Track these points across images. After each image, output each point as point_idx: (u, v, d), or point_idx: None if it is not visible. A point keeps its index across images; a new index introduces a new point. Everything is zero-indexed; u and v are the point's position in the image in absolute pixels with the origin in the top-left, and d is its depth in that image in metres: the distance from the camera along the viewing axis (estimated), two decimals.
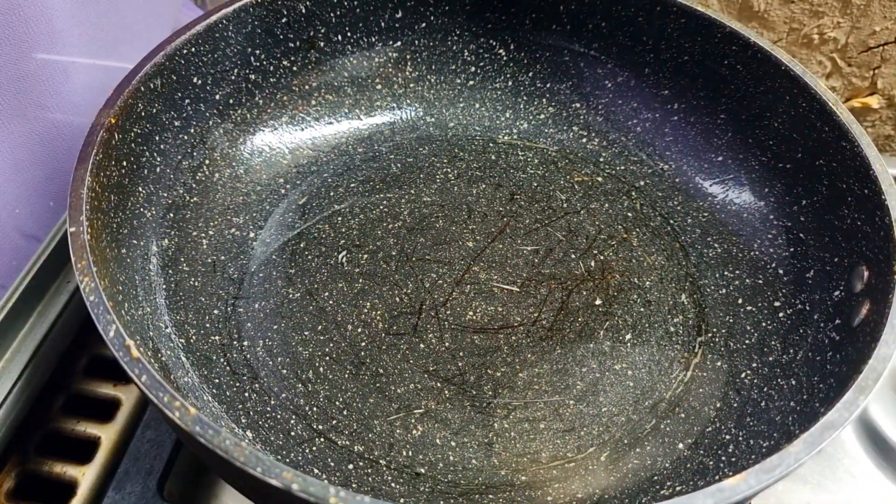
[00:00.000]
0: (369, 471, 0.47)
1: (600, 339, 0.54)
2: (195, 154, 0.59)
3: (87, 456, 0.53)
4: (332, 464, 0.47)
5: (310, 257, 0.59)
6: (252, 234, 0.60)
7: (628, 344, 0.54)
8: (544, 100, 0.70)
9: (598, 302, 0.56)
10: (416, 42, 0.68)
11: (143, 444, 0.54)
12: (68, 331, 0.58)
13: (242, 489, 0.42)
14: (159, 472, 0.52)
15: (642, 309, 0.56)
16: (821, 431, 0.36)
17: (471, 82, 0.70)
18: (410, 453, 0.48)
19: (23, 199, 0.57)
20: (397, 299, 0.56)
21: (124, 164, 0.51)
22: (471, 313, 0.55)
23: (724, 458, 0.46)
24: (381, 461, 0.47)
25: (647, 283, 0.58)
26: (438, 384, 0.51)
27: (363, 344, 0.53)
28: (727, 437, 0.48)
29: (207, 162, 0.60)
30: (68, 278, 0.60)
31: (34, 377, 0.55)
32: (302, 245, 0.59)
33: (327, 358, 0.52)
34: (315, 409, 0.50)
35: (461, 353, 0.53)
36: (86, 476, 0.52)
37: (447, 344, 0.53)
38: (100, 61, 0.64)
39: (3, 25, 0.51)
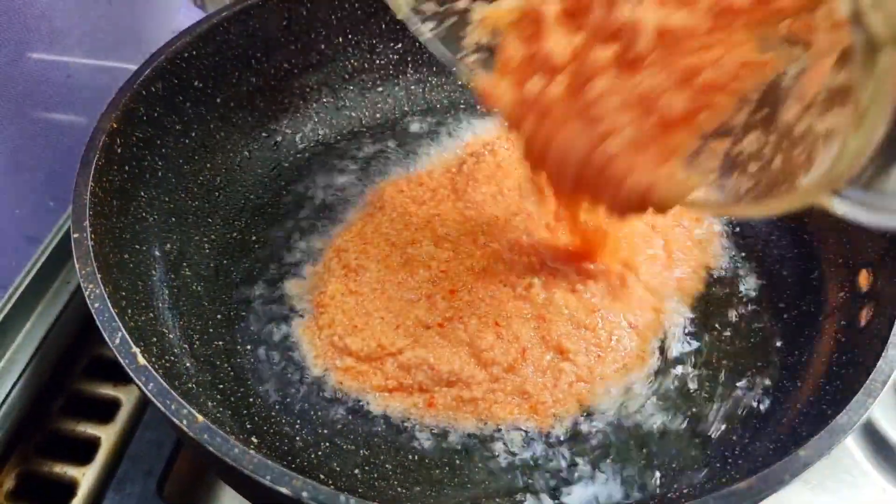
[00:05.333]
0: (375, 475, 0.46)
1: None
2: (196, 158, 0.59)
3: (87, 456, 0.53)
4: (338, 468, 0.47)
5: None
6: (254, 238, 0.59)
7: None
8: None
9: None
10: (417, 44, 0.67)
11: (142, 444, 0.54)
12: (68, 331, 0.58)
13: (249, 495, 0.42)
14: (159, 472, 0.52)
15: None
16: (830, 435, 0.36)
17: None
18: (416, 458, 0.48)
19: (23, 199, 0.57)
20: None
21: (126, 168, 0.50)
22: None
23: (730, 459, 0.46)
24: (387, 465, 0.47)
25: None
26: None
27: None
28: (733, 438, 0.48)
29: (209, 165, 0.59)
30: (68, 279, 0.59)
31: (34, 378, 0.55)
32: None
33: None
34: (320, 412, 0.49)
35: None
36: (86, 476, 0.52)
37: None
38: (100, 62, 0.64)
39: (3, 26, 0.51)
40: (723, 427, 0.48)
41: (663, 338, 0.53)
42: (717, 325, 0.54)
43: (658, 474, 0.46)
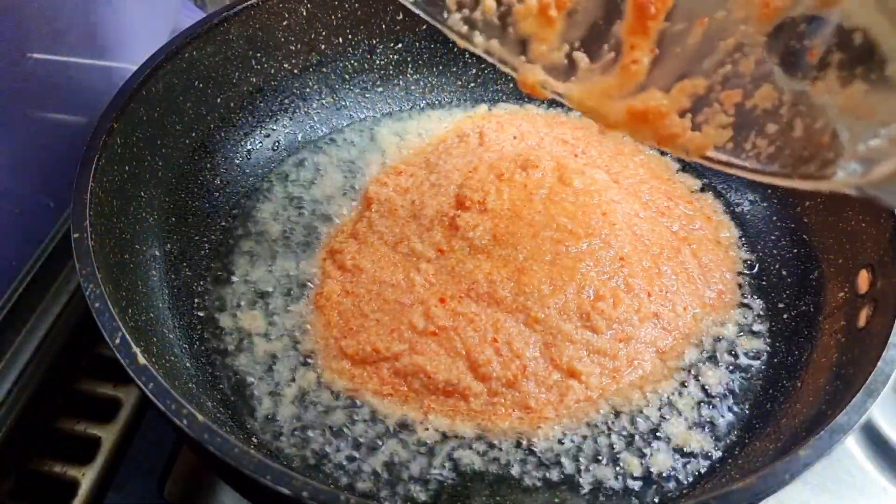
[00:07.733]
0: (374, 475, 0.46)
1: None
2: (196, 158, 0.59)
3: (87, 456, 0.53)
4: (337, 467, 0.47)
5: None
6: (254, 238, 0.59)
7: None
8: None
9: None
10: (418, 44, 0.68)
11: (142, 444, 0.54)
12: (68, 331, 0.58)
13: (249, 495, 0.42)
14: (159, 472, 0.52)
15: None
16: (830, 435, 0.36)
17: (472, 84, 0.70)
18: (415, 458, 0.48)
19: (23, 199, 0.57)
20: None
21: (126, 168, 0.50)
22: None
23: (730, 460, 0.46)
24: (385, 465, 0.47)
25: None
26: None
27: None
28: (734, 439, 0.48)
29: (209, 166, 0.59)
30: (68, 279, 0.59)
31: (35, 377, 0.55)
32: None
33: None
34: (318, 413, 0.49)
35: None
36: (86, 476, 0.52)
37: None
38: (100, 62, 0.64)
39: (3, 26, 0.51)
40: (728, 430, 0.49)
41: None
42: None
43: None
